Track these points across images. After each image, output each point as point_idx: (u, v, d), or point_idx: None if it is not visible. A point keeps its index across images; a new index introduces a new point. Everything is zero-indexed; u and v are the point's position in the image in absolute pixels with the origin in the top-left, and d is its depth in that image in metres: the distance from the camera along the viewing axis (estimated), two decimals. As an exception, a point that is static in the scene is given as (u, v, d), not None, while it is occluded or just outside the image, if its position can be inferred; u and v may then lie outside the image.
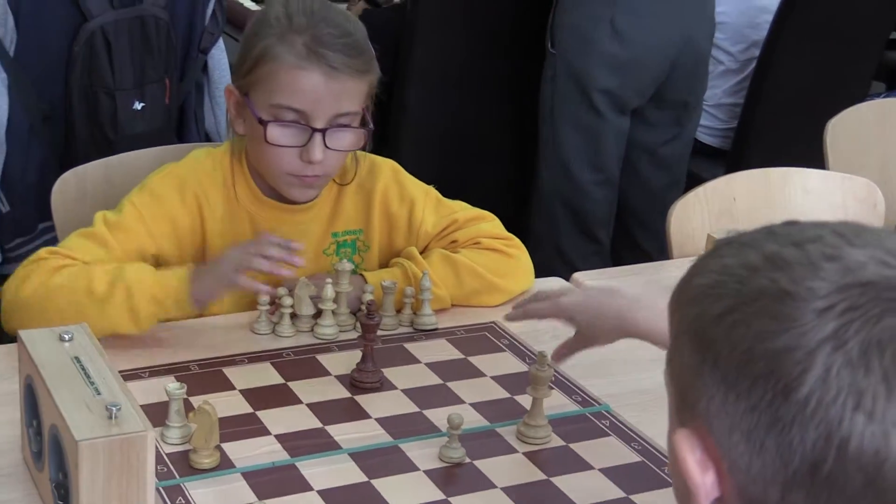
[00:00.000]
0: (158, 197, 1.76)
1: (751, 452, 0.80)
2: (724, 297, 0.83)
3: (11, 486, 1.35)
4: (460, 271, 1.84)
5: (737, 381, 0.81)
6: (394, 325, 1.78)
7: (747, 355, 0.80)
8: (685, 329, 0.86)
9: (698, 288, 0.86)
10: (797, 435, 0.78)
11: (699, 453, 0.84)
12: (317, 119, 1.70)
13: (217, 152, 1.83)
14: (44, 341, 1.33)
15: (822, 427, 0.77)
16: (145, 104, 2.72)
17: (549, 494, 1.42)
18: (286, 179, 1.75)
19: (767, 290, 0.81)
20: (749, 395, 0.80)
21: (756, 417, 0.80)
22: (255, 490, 1.37)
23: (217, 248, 1.78)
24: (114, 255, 1.69)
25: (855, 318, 0.78)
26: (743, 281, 0.83)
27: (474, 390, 1.62)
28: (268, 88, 1.70)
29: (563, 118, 3.11)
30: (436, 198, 1.92)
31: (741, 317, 0.81)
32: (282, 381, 1.61)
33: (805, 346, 0.78)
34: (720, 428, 0.82)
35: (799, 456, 0.78)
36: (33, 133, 2.71)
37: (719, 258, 0.86)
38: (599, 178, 3.16)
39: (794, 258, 0.82)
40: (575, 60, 3.05)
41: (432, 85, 3.40)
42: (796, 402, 0.78)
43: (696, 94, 3.26)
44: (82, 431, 1.17)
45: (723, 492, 0.84)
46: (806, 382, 0.77)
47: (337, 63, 1.68)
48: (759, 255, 0.84)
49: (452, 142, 3.49)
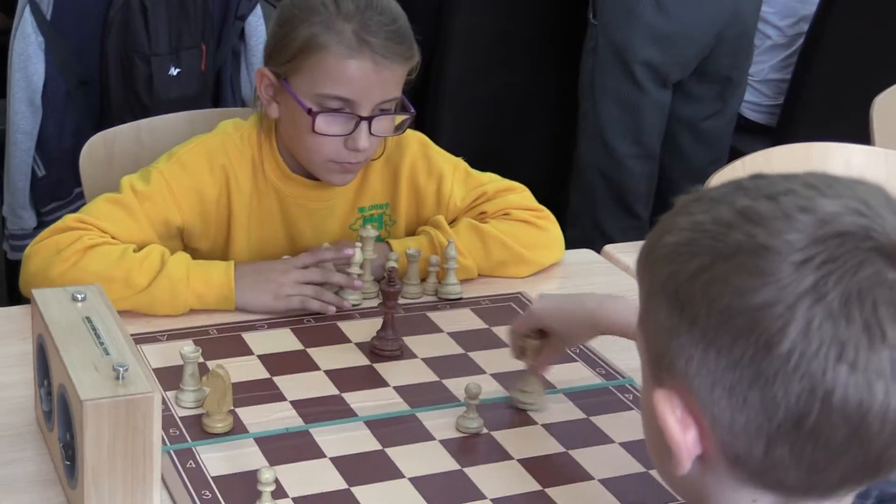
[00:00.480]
0: (187, 168, 1.74)
1: (733, 408, 0.80)
2: (698, 254, 0.82)
3: (23, 445, 1.35)
4: (488, 241, 1.81)
5: (717, 338, 0.80)
6: (418, 294, 1.76)
7: (727, 312, 0.79)
8: (658, 288, 0.85)
9: (669, 246, 0.84)
10: (781, 389, 0.77)
11: (679, 412, 0.84)
12: (363, 107, 1.67)
13: (245, 126, 1.80)
14: (56, 301, 1.32)
15: (806, 380, 0.77)
16: (181, 70, 2.71)
17: (567, 467, 1.39)
18: (327, 166, 1.72)
19: (744, 245, 0.79)
20: (730, 352, 0.79)
21: (738, 373, 0.79)
22: (267, 456, 1.35)
23: (242, 223, 1.77)
24: (140, 224, 1.67)
25: (833, 270, 0.77)
26: (717, 237, 0.81)
27: (496, 361, 1.59)
28: (314, 77, 1.66)
29: (603, 91, 3.06)
30: (464, 170, 1.89)
31: (718, 273, 0.80)
32: (301, 347, 1.59)
33: (785, 300, 0.77)
34: (701, 386, 0.81)
35: (783, 409, 0.78)
36: (69, 98, 2.72)
37: (689, 215, 0.85)
38: (639, 151, 3.11)
39: (769, 211, 0.80)
40: (616, 32, 3.00)
41: (472, 56, 3.37)
42: (778, 356, 0.77)
43: (740, 68, 3.20)
44: (87, 391, 1.15)
45: (705, 449, 0.84)
46: (787, 336, 0.77)
47: (385, 51, 1.65)
48: (731, 210, 0.82)
49: (492, 114, 3.46)
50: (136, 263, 1.60)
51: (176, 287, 1.61)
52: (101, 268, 1.59)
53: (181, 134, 2.03)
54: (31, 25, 2.64)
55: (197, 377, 1.43)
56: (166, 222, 1.71)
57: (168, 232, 1.72)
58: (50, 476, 1.29)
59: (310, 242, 1.80)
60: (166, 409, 1.42)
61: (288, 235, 1.81)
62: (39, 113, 2.70)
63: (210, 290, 1.63)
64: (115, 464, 1.17)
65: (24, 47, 2.65)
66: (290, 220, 1.80)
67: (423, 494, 1.31)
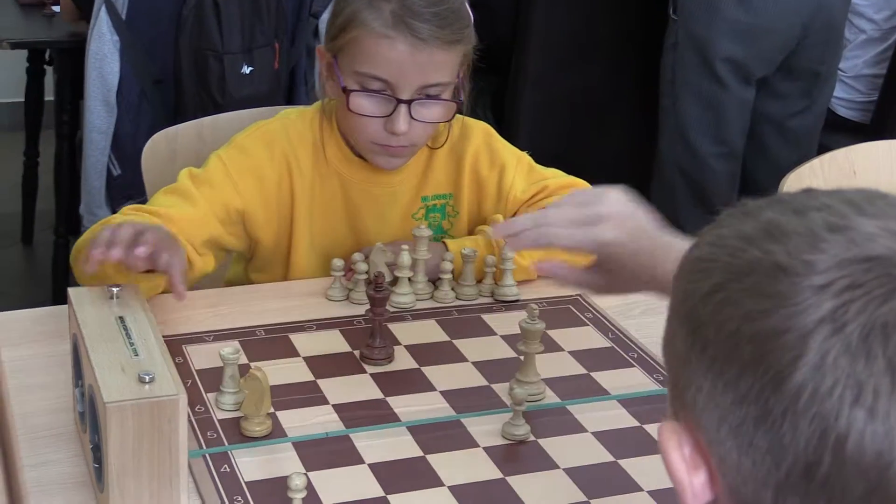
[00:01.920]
0: (245, 151, 1.72)
1: (740, 450, 0.70)
2: (713, 271, 0.73)
3: (59, 447, 1.33)
4: (548, 241, 1.75)
5: (724, 368, 0.70)
6: (473, 296, 1.71)
7: (735, 338, 0.69)
8: (677, 308, 0.76)
9: (691, 262, 0.76)
10: (789, 431, 0.67)
11: (688, 450, 0.74)
12: (402, 90, 1.63)
13: (307, 112, 1.79)
14: (91, 300, 1.30)
15: (817, 422, 0.66)
16: (254, 68, 2.70)
17: (616, 477, 1.33)
18: (370, 147, 1.70)
19: (760, 264, 0.70)
20: (737, 385, 0.69)
21: (744, 410, 0.69)
22: (304, 461, 1.31)
23: (306, 207, 1.74)
24: (198, 207, 1.65)
25: (856, 298, 0.66)
26: (734, 253, 0.72)
27: (550, 365, 1.53)
28: (353, 55, 1.64)
29: (684, 87, 2.98)
30: (528, 164, 1.84)
31: (730, 294, 0.71)
32: (348, 349, 1.56)
33: (798, 329, 0.67)
34: (709, 422, 0.71)
35: (791, 455, 0.67)
36: (144, 97, 2.73)
37: (718, 227, 0.75)
38: (721, 150, 3.03)
39: (793, 227, 0.70)
40: (697, 27, 2.92)
41: (550, 54, 3.32)
42: (787, 392, 0.67)
43: (828, 63, 3.09)
44: (112, 393, 1.13)
45: (716, 494, 0.74)
46: (798, 370, 0.66)
47: (424, 34, 1.60)
48: (755, 224, 0.73)
49: (571, 112, 3.40)
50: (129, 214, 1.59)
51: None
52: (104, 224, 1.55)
53: (245, 132, 2.02)
54: (107, 25, 2.66)
55: (237, 379, 1.40)
56: (225, 206, 1.68)
57: (229, 217, 1.69)
58: (83, 479, 1.27)
59: (371, 230, 1.78)
60: (205, 412, 1.39)
61: (350, 222, 1.79)
62: (115, 112, 2.72)
63: None
64: (140, 467, 1.15)
65: (99, 47, 2.67)
66: (351, 206, 1.78)
67: (462, 504, 1.26)
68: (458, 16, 1.65)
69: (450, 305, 1.68)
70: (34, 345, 1.53)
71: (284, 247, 1.76)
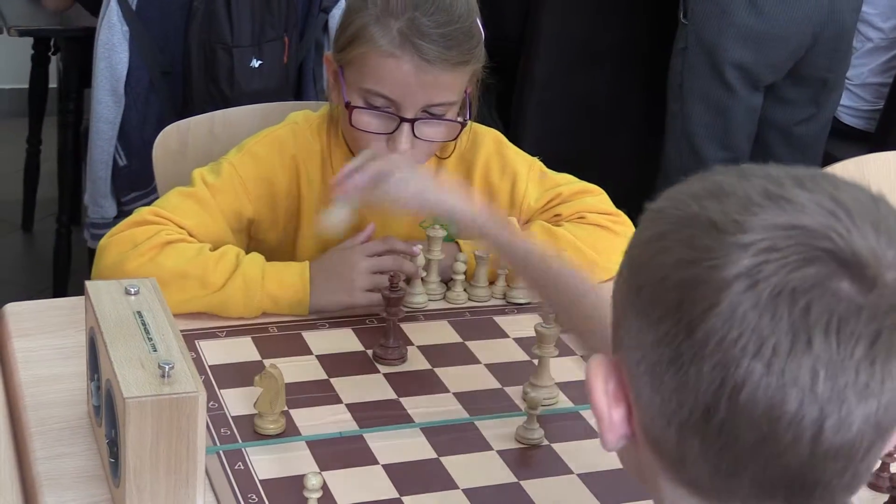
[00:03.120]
0: (257, 158, 1.71)
1: (652, 387, 0.76)
2: (659, 221, 0.78)
3: (74, 440, 1.32)
4: (560, 245, 1.75)
5: (650, 310, 0.76)
6: (486, 297, 1.71)
7: (662, 284, 0.75)
8: (627, 251, 0.81)
9: (646, 211, 0.81)
10: (693, 374, 0.72)
11: (612, 385, 0.80)
12: (406, 108, 1.60)
13: (315, 118, 1.77)
14: (109, 294, 1.29)
15: (718, 369, 0.71)
16: (263, 62, 2.69)
17: (629, 483, 1.32)
18: None
19: (697, 218, 0.75)
20: (657, 327, 0.75)
21: (661, 350, 0.74)
22: (318, 460, 1.31)
23: (311, 214, 1.73)
24: (214, 217, 1.65)
25: (773, 260, 0.71)
26: (679, 206, 0.77)
27: (562, 369, 1.53)
28: (359, 70, 1.61)
29: (692, 93, 2.98)
30: (539, 170, 1.83)
31: (667, 243, 0.76)
32: (361, 348, 1.55)
33: (716, 281, 0.72)
34: (631, 359, 0.77)
35: (693, 397, 0.73)
36: (152, 88, 2.72)
37: (680, 185, 0.81)
38: (728, 156, 3.02)
39: (733, 189, 0.75)
40: (707, 32, 2.91)
41: (559, 58, 3.31)
42: (697, 339, 0.72)
43: (836, 71, 3.08)
44: (131, 389, 1.13)
45: (632, 429, 0.80)
46: (709, 319, 0.71)
47: (430, 55, 1.56)
48: (705, 184, 0.78)
49: (579, 116, 3.39)
50: (211, 261, 1.57)
51: (250, 287, 1.56)
52: (178, 264, 1.56)
53: (255, 126, 2.01)
54: (117, 15, 2.65)
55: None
56: (238, 214, 1.68)
57: (240, 225, 1.69)
58: (97, 473, 1.27)
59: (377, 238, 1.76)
60: (218, 408, 1.39)
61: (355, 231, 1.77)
62: (122, 103, 2.70)
63: (284, 291, 1.58)
64: (157, 464, 1.14)
65: (108, 37, 2.65)
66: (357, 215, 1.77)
67: (477, 507, 1.26)
68: (468, 35, 1.61)
69: (462, 307, 1.68)
70: (46, 336, 1.53)
71: (289, 247, 1.75)
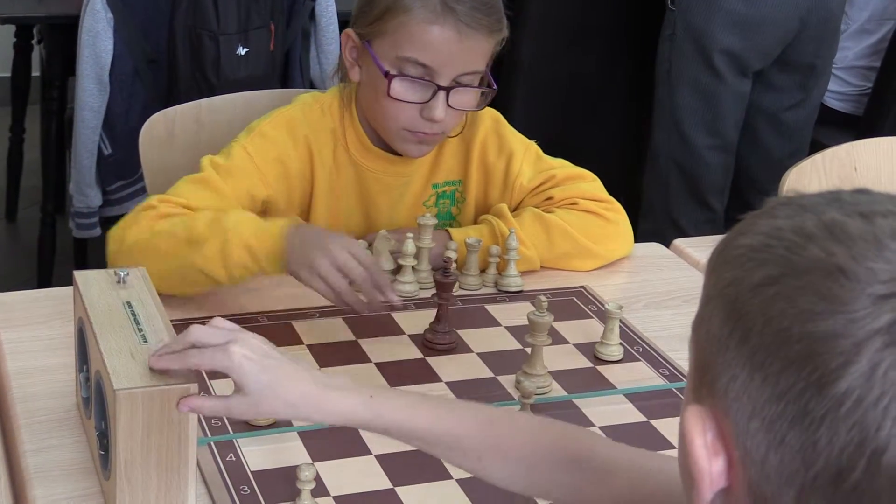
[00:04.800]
0: (269, 139, 1.70)
1: (769, 445, 0.70)
2: (768, 263, 0.72)
3: (62, 432, 1.31)
4: (552, 232, 1.75)
5: (766, 362, 0.70)
6: (476, 285, 1.70)
7: (783, 335, 0.69)
8: (718, 293, 0.75)
9: (741, 249, 0.75)
10: (825, 435, 0.67)
11: (710, 436, 0.74)
12: (442, 76, 1.62)
13: (325, 98, 1.76)
14: (98, 284, 1.28)
15: (856, 431, 0.66)
16: (249, 49, 2.68)
17: (624, 473, 1.32)
18: (401, 134, 1.68)
19: (820, 264, 0.69)
20: (777, 381, 0.69)
21: (782, 407, 0.69)
22: (311, 451, 1.30)
23: (324, 194, 1.74)
24: (225, 200, 1.63)
25: None
26: (792, 248, 0.71)
27: (555, 357, 1.53)
28: (396, 40, 1.62)
29: (680, 79, 2.97)
30: (536, 152, 1.83)
31: (784, 289, 0.70)
32: (353, 338, 1.54)
33: (852, 336, 0.66)
34: (739, 412, 0.71)
35: (823, 459, 0.67)
36: (137, 76, 2.70)
37: (772, 218, 0.74)
38: (715, 142, 3.02)
39: (858, 231, 0.70)
40: (695, 18, 2.90)
41: (546, 40, 3.29)
42: (831, 397, 0.66)
43: (824, 57, 3.08)
44: (122, 380, 1.11)
45: (731, 483, 0.74)
46: (846, 377, 0.66)
47: (470, 20, 1.60)
48: (817, 222, 0.72)
49: (565, 99, 3.39)
50: (200, 216, 1.56)
51: (229, 238, 1.52)
52: (170, 226, 1.55)
53: (242, 114, 1.99)
54: (101, 2, 2.62)
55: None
56: (251, 196, 1.67)
57: (253, 207, 1.67)
58: (87, 465, 1.26)
59: (384, 217, 1.77)
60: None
61: (363, 210, 1.78)
62: (107, 91, 2.68)
63: (261, 243, 1.52)
64: (148, 456, 1.13)
65: (93, 24, 2.63)
66: (366, 194, 1.77)
67: (470, 496, 1.25)
68: (497, 5, 1.66)
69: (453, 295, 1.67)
70: (34, 327, 1.51)
71: None
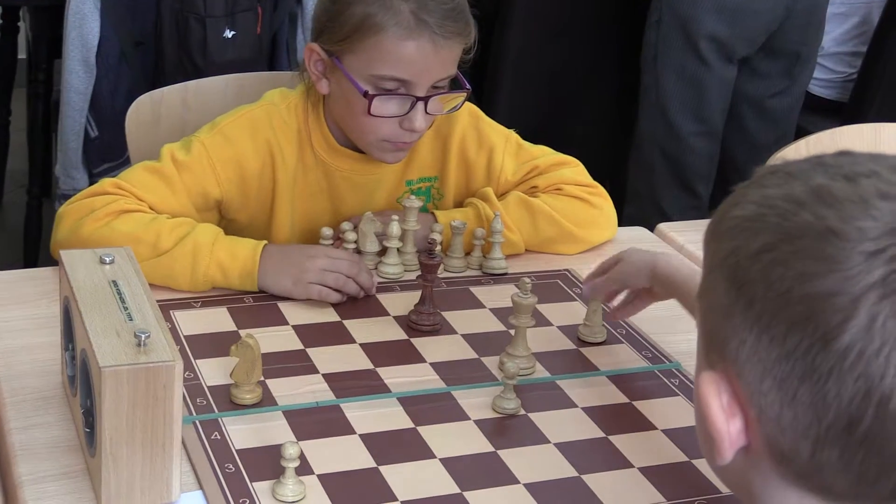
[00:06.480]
0: (229, 139, 1.69)
1: (782, 402, 0.74)
2: (763, 231, 0.76)
3: (47, 410, 1.32)
4: (536, 216, 1.75)
5: (771, 324, 0.74)
6: (461, 268, 1.71)
7: (785, 298, 0.73)
8: (718, 264, 0.79)
9: (736, 220, 0.78)
10: (833, 388, 0.71)
11: (726, 398, 0.78)
12: (419, 87, 1.62)
13: (291, 96, 1.75)
14: (83, 263, 1.28)
15: (862, 381, 0.70)
16: (236, 32, 2.67)
17: (606, 453, 1.33)
18: (380, 146, 1.68)
19: (812, 228, 0.73)
20: (784, 341, 0.73)
21: (790, 365, 0.73)
22: (295, 430, 1.31)
23: (286, 196, 1.72)
24: (177, 195, 1.63)
25: None
26: (785, 215, 0.75)
27: (538, 339, 1.53)
28: (370, 58, 1.61)
29: (666, 65, 2.98)
30: (516, 143, 1.83)
31: (781, 255, 0.74)
32: (338, 318, 1.55)
33: (849, 292, 0.70)
34: (751, 373, 0.76)
35: (834, 410, 0.72)
36: (123, 58, 2.69)
37: (761, 188, 0.78)
38: (701, 129, 3.03)
39: (845, 194, 0.74)
40: (681, 4, 2.91)
41: (532, 29, 3.29)
42: (835, 352, 0.71)
43: (809, 44, 3.09)
44: (107, 358, 1.12)
45: (750, 441, 0.78)
46: (847, 331, 0.70)
47: (443, 30, 1.60)
48: (805, 188, 0.76)
49: (552, 88, 3.38)
50: (166, 228, 1.56)
51: (199, 252, 1.54)
52: (131, 229, 1.55)
53: (229, 97, 2.00)
54: (88, -17, 2.62)
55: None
56: (204, 194, 1.66)
57: (206, 204, 1.67)
58: (72, 443, 1.26)
59: (355, 214, 1.75)
60: (194, 378, 1.38)
61: (333, 209, 1.77)
62: (93, 73, 2.68)
63: (234, 262, 1.55)
64: (133, 433, 1.14)
65: (79, 6, 2.62)
66: (336, 193, 1.76)
67: (454, 476, 1.26)
68: (466, 9, 1.66)
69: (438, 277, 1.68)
70: (20, 306, 1.51)
71: (262, 227, 1.73)
